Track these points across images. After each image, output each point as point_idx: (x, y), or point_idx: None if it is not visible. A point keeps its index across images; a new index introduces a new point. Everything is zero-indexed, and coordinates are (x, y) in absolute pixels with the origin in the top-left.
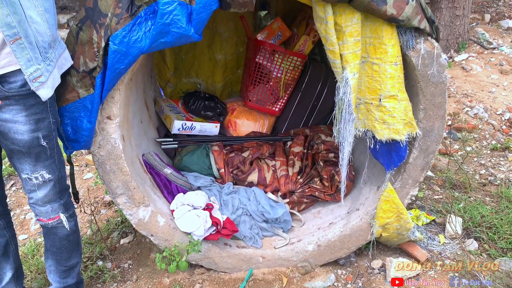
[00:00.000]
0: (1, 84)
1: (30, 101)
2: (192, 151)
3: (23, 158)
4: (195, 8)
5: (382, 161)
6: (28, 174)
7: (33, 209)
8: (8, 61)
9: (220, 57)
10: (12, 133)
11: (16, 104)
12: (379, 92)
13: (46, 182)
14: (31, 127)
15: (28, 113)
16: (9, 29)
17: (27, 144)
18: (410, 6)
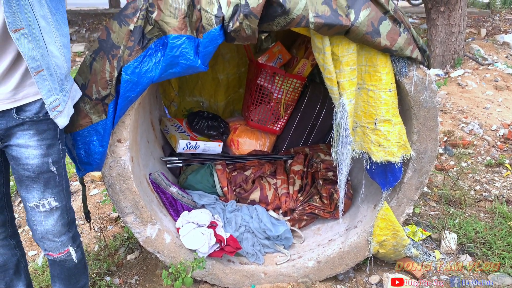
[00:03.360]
0: (17, 113)
1: (43, 126)
2: (196, 170)
3: (31, 185)
4: (202, 41)
5: (378, 181)
6: (36, 201)
7: (41, 245)
8: (26, 93)
9: (222, 77)
10: (24, 158)
11: (29, 129)
12: (374, 116)
13: (53, 210)
14: (42, 151)
15: (40, 137)
16: (34, 62)
17: (37, 169)
18: (402, 37)
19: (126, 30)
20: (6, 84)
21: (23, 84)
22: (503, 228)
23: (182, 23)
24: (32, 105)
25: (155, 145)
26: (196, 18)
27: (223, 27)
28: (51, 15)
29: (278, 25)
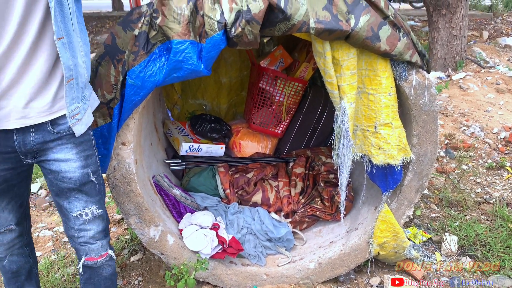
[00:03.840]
0: (52, 127)
1: (79, 139)
2: (199, 173)
3: (73, 196)
4: (205, 46)
5: (379, 184)
6: (80, 210)
7: (81, 249)
8: (62, 105)
9: (225, 80)
10: (63, 172)
11: (67, 142)
12: (374, 120)
13: (96, 217)
14: (81, 163)
15: (78, 150)
16: (69, 71)
17: (79, 181)
18: (402, 42)
19: (131, 35)
20: (44, 96)
21: (59, 95)
22: (504, 230)
23: (186, 28)
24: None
25: (159, 148)
26: (199, 24)
27: (226, 33)
28: (77, 24)
29: (280, 31)
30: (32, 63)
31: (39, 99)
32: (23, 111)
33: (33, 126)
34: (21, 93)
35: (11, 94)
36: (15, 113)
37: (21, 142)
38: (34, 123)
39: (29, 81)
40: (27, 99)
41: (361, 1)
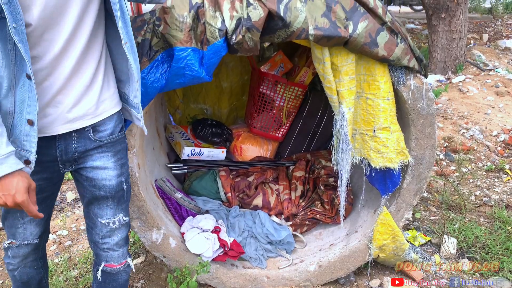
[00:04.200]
0: (93, 134)
1: (118, 147)
2: (200, 177)
3: (105, 203)
4: (206, 53)
5: (378, 187)
6: (110, 219)
7: (102, 255)
8: (104, 108)
9: (226, 85)
10: (100, 180)
11: (107, 150)
12: (373, 124)
13: (123, 225)
14: (118, 172)
15: (116, 158)
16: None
17: (114, 189)
18: (399, 48)
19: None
20: (88, 100)
21: (102, 97)
22: (502, 232)
23: (188, 36)
24: (107, 124)
25: (161, 152)
26: (200, 31)
27: (227, 40)
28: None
29: (279, 38)
30: (81, 68)
31: (83, 103)
32: (68, 115)
33: (75, 133)
34: (68, 98)
35: (59, 101)
36: (61, 119)
37: (63, 150)
38: (79, 127)
39: (76, 86)
40: (73, 104)
41: (359, 8)
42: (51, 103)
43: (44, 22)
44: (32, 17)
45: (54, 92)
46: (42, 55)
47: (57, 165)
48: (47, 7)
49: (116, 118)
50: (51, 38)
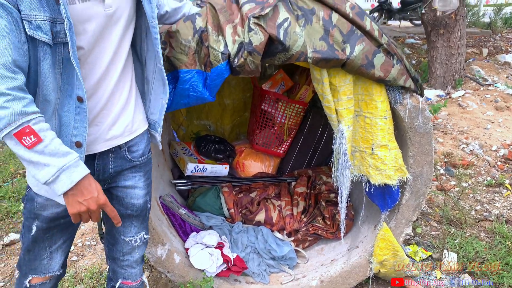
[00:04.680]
0: (128, 153)
1: (147, 167)
2: (204, 193)
3: (130, 221)
4: (210, 75)
5: (377, 203)
6: (133, 237)
7: (120, 272)
8: (138, 124)
9: (228, 102)
10: (129, 198)
11: (140, 171)
12: (371, 142)
13: (144, 243)
14: (146, 191)
15: (145, 178)
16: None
17: (140, 208)
18: (395, 68)
19: None
20: (125, 118)
21: (135, 116)
22: (503, 247)
23: (192, 59)
24: (140, 144)
25: (165, 168)
26: (204, 54)
27: (229, 63)
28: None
29: (279, 60)
30: (118, 89)
31: (120, 121)
32: (108, 133)
33: (113, 153)
34: (107, 118)
35: (99, 121)
36: (101, 138)
37: (101, 170)
38: (117, 144)
39: (114, 106)
40: (111, 123)
41: (356, 31)
42: (93, 122)
43: (92, 46)
44: (84, 41)
45: (95, 113)
46: (85, 77)
47: None
48: (95, 32)
49: (146, 138)
50: (94, 61)
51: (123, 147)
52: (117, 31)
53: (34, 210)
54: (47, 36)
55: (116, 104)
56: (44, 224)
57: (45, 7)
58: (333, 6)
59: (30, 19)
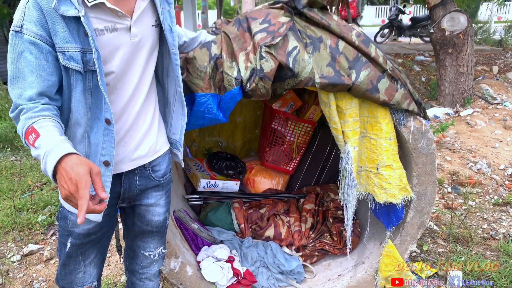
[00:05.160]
0: (152, 173)
1: (168, 186)
2: (215, 208)
3: (150, 237)
4: (224, 98)
5: (383, 221)
6: (152, 252)
7: (139, 285)
8: (161, 144)
9: (239, 120)
10: (150, 215)
11: (162, 190)
12: (376, 162)
13: (162, 257)
14: (165, 209)
15: (166, 196)
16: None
17: (160, 225)
18: (399, 93)
19: None
20: (149, 138)
21: (159, 137)
22: (508, 266)
23: (207, 83)
24: (162, 164)
25: (178, 184)
26: (218, 79)
27: (242, 87)
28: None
29: (288, 85)
30: (143, 112)
31: (145, 142)
32: (133, 153)
33: (138, 172)
34: (133, 139)
35: (126, 142)
36: (127, 158)
37: (127, 188)
38: (142, 164)
39: (139, 128)
40: (137, 144)
41: (361, 57)
42: (119, 143)
43: (121, 71)
44: (114, 66)
45: (122, 134)
46: (113, 101)
47: (117, 202)
48: (123, 59)
49: (168, 159)
50: (122, 86)
51: (147, 166)
52: (142, 58)
53: (67, 227)
54: (79, 65)
55: (141, 126)
56: (77, 240)
57: (76, 39)
58: (340, 34)
59: (63, 51)
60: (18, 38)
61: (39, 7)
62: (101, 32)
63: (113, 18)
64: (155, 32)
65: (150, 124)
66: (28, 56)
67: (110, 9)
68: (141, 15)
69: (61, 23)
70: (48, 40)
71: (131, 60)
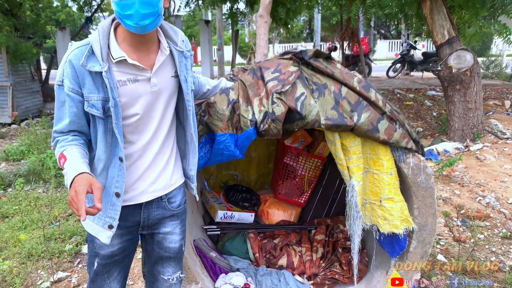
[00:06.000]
0: (168, 204)
1: (183, 216)
2: (232, 238)
3: (168, 263)
4: (240, 137)
5: (387, 250)
6: (171, 276)
7: None
8: (176, 178)
9: (254, 154)
10: (167, 243)
11: (177, 219)
12: (379, 195)
13: (179, 281)
14: (181, 236)
15: (181, 225)
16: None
17: (176, 251)
18: (398, 132)
19: None
20: (166, 173)
21: (174, 172)
22: None
23: (226, 124)
24: (177, 196)
25: (197, 215)
26: (235, 120)
27: (256, 128)
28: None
29: (297, 126)
30: (162, 150)
31: (162, 177)
32: (151, 187)
33: (155, 203)
34: (152, 174)
35: (146, 176)
36: (146, 191)
37: (146, 217)
38: (159, 195)
39: (158, 165)
40: (155, 178)
41: (362, 101)
42: (140, 178)
43: (143, 114)
44: (138, 109)
45: (143, 170)
46: (136, 141)
47: (138, 229)
48: (143, 105)
49: (182, 191)
50: (143, 129)
51: (164, 198)
52: (161, 104)
53: (94, 249)
54: (99, 111)
55: (160, 163)
56: (103, 260)
57: (100, 90)
58: (343, 81)
59: (88, 99)
60: (60, 90)
61: (72, 66)
62: (124, 83)
63: (135, 71)
64: (174, 82)
65: (167, 161)
66: (65, 105)
67: (131, 64)
68: (161, 67)
69: (88, 77)
70: (79, 92)
71: (151, 106)
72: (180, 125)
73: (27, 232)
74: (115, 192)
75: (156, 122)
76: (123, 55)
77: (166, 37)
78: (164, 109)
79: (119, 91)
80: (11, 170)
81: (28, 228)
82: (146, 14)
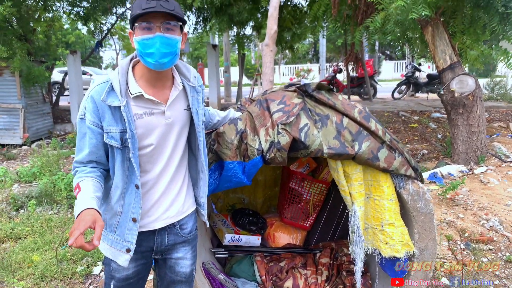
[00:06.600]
0: (180, 230)
1: (194, 242)
2: (239, 261)
3: (179, 286)
4: (247, 165)
5: (389, 273)
6: None
7: None
8: (188, 206)
9: (260, 178)
10: (179, 267)
11: (189, 245)
12: (381, 220)
13: None
14: (192, 261)
15: (192, 250)
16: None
17: (187, 275)
18: (397, 161)
19: None
20: (178, 201)
21: (186, 199)
22: None
23: (234, 153)
24: (189, 223)
25: (206, 237)
26: (243, 149)
27: (262, 156)
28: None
29: (301, 155)
30: (174, 179)
31: (175, 205)
32: (164, 214)
33: (168, 230)
34: (165, 202)
35: (159, 205)
36: (160, 218)
37: (159, 243)
38: (171, 222)
39: (171, 193)
40: (168, 206)
41: (363, 131)
42: (154, 205)
43: (157, 144)
44: (152, 139)
45: (157, 197)
46: (151, 170)
47: (151, 254)
48: (158, 135)
49: (194, 218)
50: (156, 158)
51: (176, 224)
52: (173, 135)
53: (110, 272)
54: (117, 142)
55: (173, 191)
56: (119, 283)
57: (118, 122)
58: (344, 112)
59: (107, 131)
60: (82, 123)
61: (93, 100)
62: (140, 116)
63: (151, 105)
64: (187, 114)
65: (180, 188)
66: (86, 136)
67: (148, 98)
68: (174, 101)
69: (108, 111)
70: (99, 125)
71: (165, 137)
72: (192, 154)
73: (39, 253)
74: (132, 218)
75: (169, 151)
76: (140, 90)
77: (179, 74)
78: (176, 140)
79: (136, 123)
80: (23, 191)
81: (41, 249)
82: (166, 53)
